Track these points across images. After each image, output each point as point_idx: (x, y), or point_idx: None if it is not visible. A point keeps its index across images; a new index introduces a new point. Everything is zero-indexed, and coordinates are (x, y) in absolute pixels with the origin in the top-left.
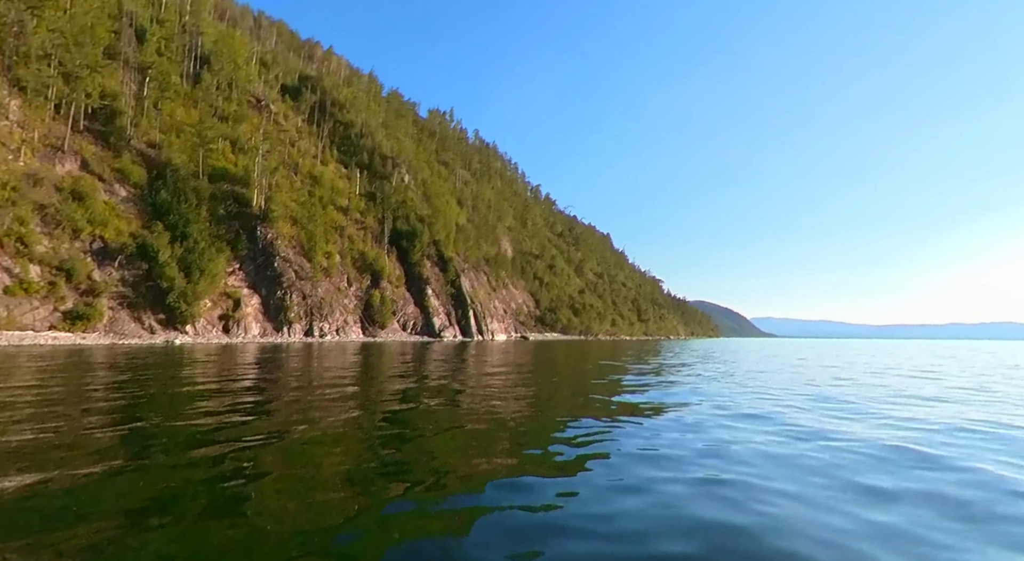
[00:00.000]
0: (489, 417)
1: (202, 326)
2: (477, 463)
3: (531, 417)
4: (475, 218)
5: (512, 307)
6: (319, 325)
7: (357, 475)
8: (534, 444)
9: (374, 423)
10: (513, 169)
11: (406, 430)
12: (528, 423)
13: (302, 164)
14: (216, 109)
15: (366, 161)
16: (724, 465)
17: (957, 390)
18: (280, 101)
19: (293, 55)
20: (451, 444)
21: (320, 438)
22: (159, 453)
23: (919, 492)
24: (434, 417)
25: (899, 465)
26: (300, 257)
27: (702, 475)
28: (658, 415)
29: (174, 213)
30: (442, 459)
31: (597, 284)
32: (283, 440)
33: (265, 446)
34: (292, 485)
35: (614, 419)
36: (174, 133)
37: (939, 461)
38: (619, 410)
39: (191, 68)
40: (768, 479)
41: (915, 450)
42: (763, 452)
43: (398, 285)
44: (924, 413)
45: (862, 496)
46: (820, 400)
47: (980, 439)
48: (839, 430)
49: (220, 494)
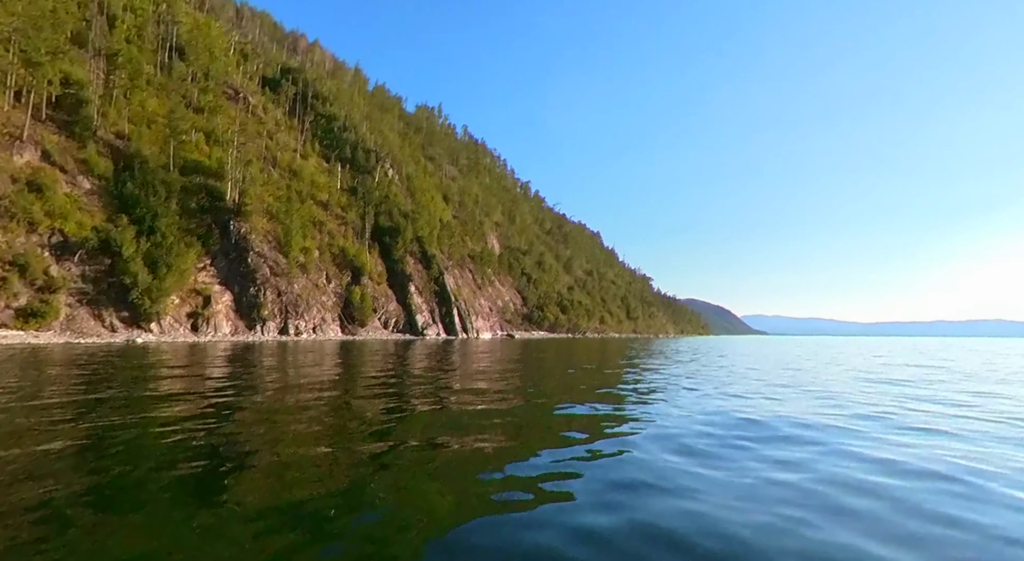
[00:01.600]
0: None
1: (168, 324)
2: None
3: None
4: (461, 214)
5: (498, 305)
6: (295, 323)
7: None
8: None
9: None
10: (502, 165)
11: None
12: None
13: (281, 158)
14: (190, 100)
15: (349, 155)
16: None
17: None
18: (260, 93)
19: (277, 47)
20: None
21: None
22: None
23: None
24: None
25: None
26: (276, 253)
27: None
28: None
29: (141, 206)
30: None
31: (586, 281)
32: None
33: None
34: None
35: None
36: (145, 124)
37: None
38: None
39: (166, 58)
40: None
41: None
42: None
43: (380, 282)
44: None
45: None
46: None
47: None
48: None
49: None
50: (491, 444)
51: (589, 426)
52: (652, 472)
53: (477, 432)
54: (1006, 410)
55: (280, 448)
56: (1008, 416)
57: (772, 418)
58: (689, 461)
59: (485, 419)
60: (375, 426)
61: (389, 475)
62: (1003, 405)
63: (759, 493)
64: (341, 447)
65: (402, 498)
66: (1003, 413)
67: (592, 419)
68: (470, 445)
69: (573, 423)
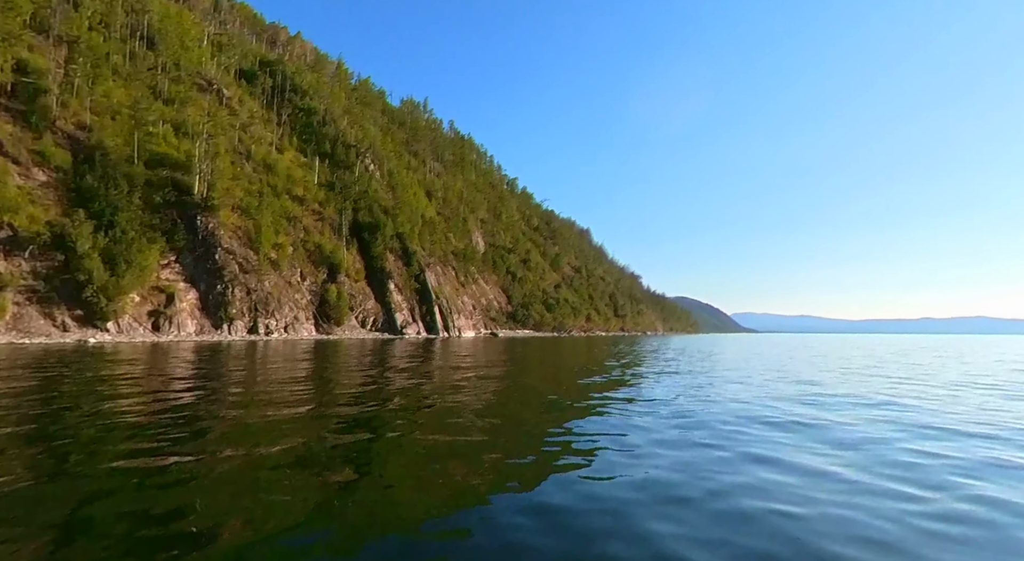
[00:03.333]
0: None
1: (127, 323)
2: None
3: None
4: (445, 210)
5: (482, 303)
6: (265, 322)
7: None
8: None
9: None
10: (489, 161)
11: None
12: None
13: (255, 151)
14: (160, 91)
15: (328, 150)
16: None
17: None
18: (236, 85)
19: (256, 39)
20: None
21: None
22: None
23: None
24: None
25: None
26: (246, 249)
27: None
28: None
29: (100, 200)
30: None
31: (573, 279)
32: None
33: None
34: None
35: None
36: (110, 115)
37: None
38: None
39: (136, 48)
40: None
41: None
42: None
43: (357, 279)
44: None
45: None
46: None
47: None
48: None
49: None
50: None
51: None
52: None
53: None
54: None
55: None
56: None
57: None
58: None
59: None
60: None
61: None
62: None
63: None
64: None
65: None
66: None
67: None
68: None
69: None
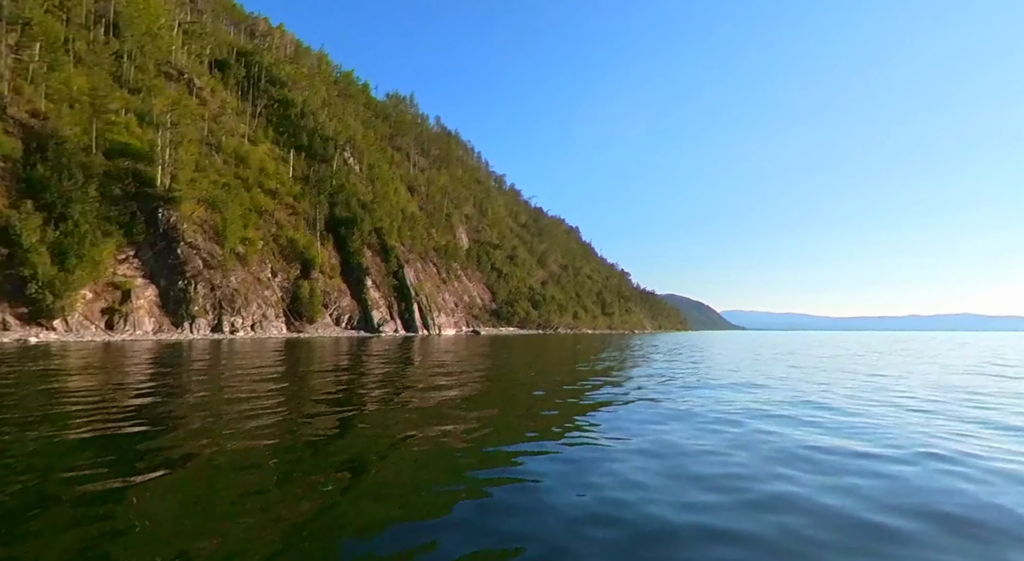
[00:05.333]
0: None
1: (77, 322)
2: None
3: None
4: (428, 206)
5: (465, 300)
6: (230, 319)
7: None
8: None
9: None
10: (477, 157)
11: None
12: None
13: (226, 143)
14: (125, 80)
15: (305, 142)
16: None
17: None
18: (208, 75)
19: (235, 30)
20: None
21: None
22: None
23: None
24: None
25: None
26: (211, 243)
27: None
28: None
29: (52, 191)
30: None
31: (560, 276)
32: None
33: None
34: None
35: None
36: (67, 103)
37: None
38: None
39: (101, 34)
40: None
41: None
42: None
43: (332, 276)
44: None
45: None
46: None
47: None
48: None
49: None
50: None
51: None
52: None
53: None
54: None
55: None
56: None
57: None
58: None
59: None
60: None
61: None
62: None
63: None
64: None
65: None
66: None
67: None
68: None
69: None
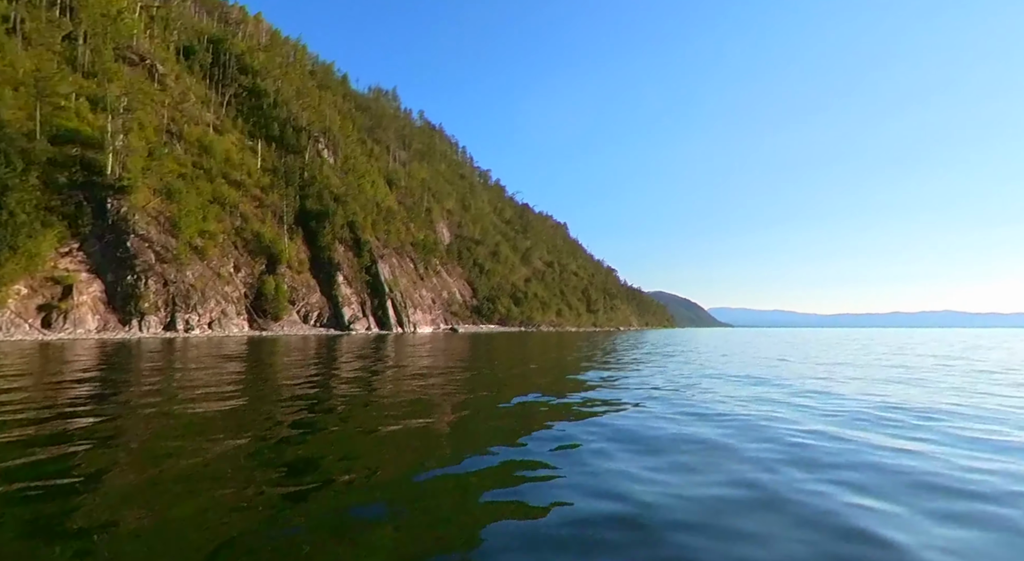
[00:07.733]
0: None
1: (8, 319)
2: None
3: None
4: (407, 200)
5: (444, 297)
6: (185, 317)
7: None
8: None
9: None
10: (461, 153)
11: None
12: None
13: (189, 131)
14: (80, 63)
15: (277, 133)
16: None
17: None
18: (173, 61)
19: (207, 17)
20: None
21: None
22: None
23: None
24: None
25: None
26: (166, 236)
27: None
28: None
29: None
30: None
31: (545, 273)
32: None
33: None
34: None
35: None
36: (11, 86)
37: None
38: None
39: (56, 15)
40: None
41: None
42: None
43: (301, 271)
44: None
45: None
46: None
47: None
48: None
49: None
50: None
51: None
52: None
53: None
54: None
55: None
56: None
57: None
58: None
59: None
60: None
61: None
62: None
63: None
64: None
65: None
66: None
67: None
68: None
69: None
